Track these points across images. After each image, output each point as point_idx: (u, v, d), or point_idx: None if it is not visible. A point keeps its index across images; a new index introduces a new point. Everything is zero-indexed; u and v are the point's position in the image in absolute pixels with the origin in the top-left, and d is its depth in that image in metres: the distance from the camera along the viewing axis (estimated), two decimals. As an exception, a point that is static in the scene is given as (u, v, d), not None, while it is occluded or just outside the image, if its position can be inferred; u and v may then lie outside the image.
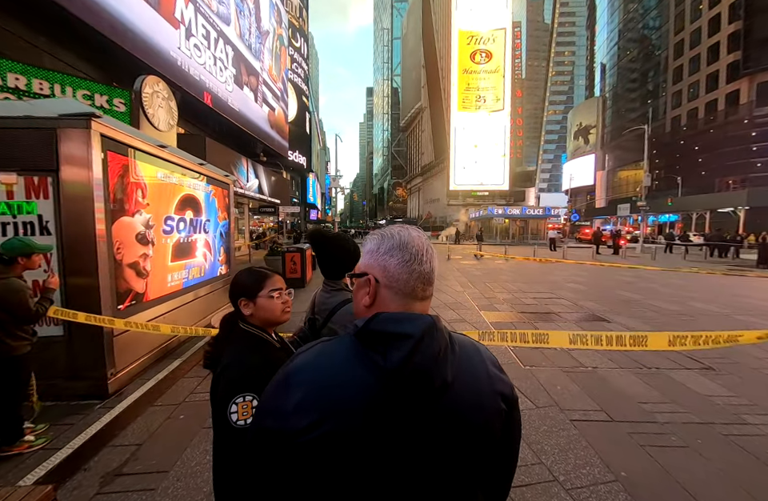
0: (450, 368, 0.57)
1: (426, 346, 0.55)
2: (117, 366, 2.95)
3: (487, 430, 0.60)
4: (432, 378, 0.55)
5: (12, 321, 2.04)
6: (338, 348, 0.60)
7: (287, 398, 0.56)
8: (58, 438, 2.29)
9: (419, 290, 0.61)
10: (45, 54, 6.77)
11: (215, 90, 12.02)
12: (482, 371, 0.62)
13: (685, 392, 2.97)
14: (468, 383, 0.59)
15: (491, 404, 0.60)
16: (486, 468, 0.64)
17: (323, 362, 0.58)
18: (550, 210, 29.49)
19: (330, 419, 0.53)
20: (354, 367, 0.57)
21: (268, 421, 0.58)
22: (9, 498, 1.40)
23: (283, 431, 0.55)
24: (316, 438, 0.53)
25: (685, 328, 4.82)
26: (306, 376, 0.57)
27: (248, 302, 1.05)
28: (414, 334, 0.55)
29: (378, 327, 0.57)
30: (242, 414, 0.85)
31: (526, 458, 2.11)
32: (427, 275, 0.61)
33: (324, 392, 0.55)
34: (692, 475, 1.97)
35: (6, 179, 2.66)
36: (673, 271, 10.15)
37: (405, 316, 0.58)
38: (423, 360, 0.54)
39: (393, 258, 0.61)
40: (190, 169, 4.34)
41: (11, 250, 2.06)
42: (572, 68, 78.00)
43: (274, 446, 0.57)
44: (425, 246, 0.62)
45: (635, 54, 44.08)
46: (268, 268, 1.15)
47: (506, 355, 3.80)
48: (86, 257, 2.74)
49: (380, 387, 0.55)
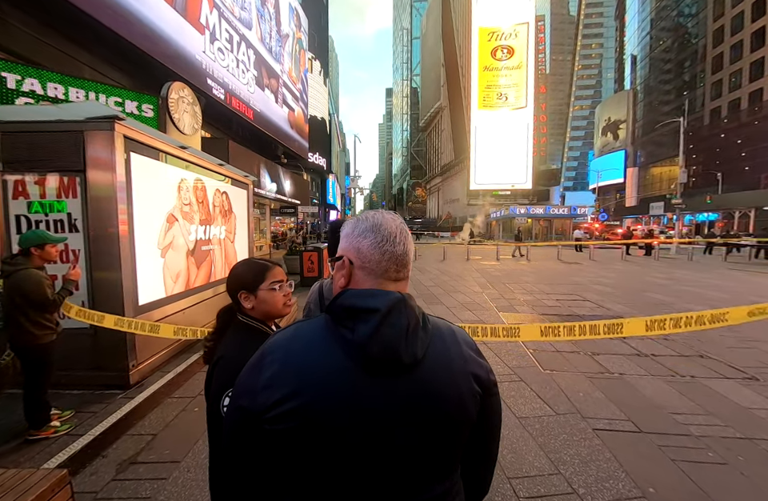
0: (421, 345, 0.58)
1: (394, 320, 0.56)
2: (138, 358, 3.06)
3: (462, 411, 0.60)
4: (400, 353, 0.55)
5: (32, 308, 2.15)
6: (311, 326, 0.61)
7: (260, 376, 0.57)
8: (82, 425, 2.40)
9: (392, 271, 0.62)
10: (82, 64, 7.23)
11: (237, 91, 12.39)
12: (455, 352, 0.62)
13: (724, 403, 2.72)
14: (440, 363, 0.60)
15: (465, 385, 0.61)
16: (461, 450, 0.64)
17: (295, 340, 0.59)
18: (575, 210, 28.34)
19: (299, 395, 0.54)
20: (324, 343, 0.58)
21: (241, 400, 0.59)
22: (27, 480, 1.46)
23: (254, 408, 0.56)
24: (285, 414, 0.54)
25: (724, 335, 4.45)
26: (278, 354, 0.58)
27: (249, 295, 1.01)
28: (380, 308, 0.56)
29: (346, 302, 0.58)
30: None
31: (542, 467, 2.00)
32: (400, 257, 0.62)
33: (294, 368, 0.56)
34: (731, 495, 1.78)
35: (41, 180, 2.83)
36: (708, 273, 9.46)
37: (372, 292, 0.59)
38: (391, 334, 0.55)
39: (366, 240, 0.62)
40: (209, 169, 4.47)
41: (25, 241, 2.21)
42: (600, 61, 74.59)
43: (247, 425, 0.57)
44: (398, 228, 0.63)
45: (669, 43, 41.59)
46: (268, 260, 1.12)
47: (525, 359, 3.65)
48: (109, 253, 2.87)
49: (349, 362, 0.56)
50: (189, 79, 8.96)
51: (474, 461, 0.68)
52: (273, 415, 0.54)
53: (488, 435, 0.68)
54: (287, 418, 0.54)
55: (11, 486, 1.47)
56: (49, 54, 6.56)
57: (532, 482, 1.88)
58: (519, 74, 45.84)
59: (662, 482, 1.87)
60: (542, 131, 50.26)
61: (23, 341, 2.16)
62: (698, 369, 3.38)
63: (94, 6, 6.61)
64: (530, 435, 2.30)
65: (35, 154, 2.82)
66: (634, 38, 49.71)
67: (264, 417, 0.55)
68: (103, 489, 1.85)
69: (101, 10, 6.77)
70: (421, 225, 49.90)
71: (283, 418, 0.54)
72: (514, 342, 4.19)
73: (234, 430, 0.60)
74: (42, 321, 2.20)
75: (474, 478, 0.70)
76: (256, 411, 0.56)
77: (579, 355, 3.74)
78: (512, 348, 3.96)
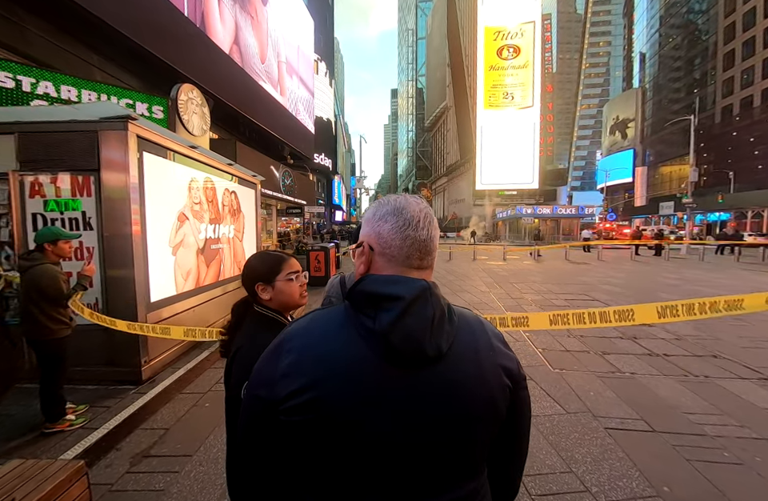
0: (446, 338, 0.55)
1: (419, 309, 0.53)
2: (150, 354, 3.11)
3: (491, 406, 0.56)
4: (424, 345, 0.52)
5: (47, 303, 2.20)
6: (331, 315, 0.59)
7: (278, 364, 0.55)
8: (96, 418, 2.45)
9: (414, 258, 0.58)
10: (94, 67, 7.37)
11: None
12: (483, 344, 0.59)
13: (739, 404, 2.66)
14: (468, 356, 0.56)
15: (494, 378, 0.57)
16: (490, 447, 0.60)
17: (314, 328, 0.57)
18: (583, 209, 28.01)
19: (317, 386, 0.52)
20: (344, 332, 0.55)
21: (259, 389, 0.57)
22: (45, 470, 1.49)
23: (271, 398, 0.54)
24: (302, 405, 0.52)
25: (742, 335, 4.37)
26: (296, 342, 0.56)
27: (266, 286, 1.02)
28: (404, 296, 0.53)
29: (367, 288, 0.55)
30: None
31: (554, 465, 1.98)
32: (423, 243, 0.58)
33: (312, 358, 0.53)
34: (748, 496, 1.75)
35: (57, 179, 2.89)
36: (721, 273, 9.28)
37: (396, 278, 0.56)
38: (415, 324, 0.52)
39: (386, 224, 0.58)
40: (219, 169, 4.52)
41: (39, 237, 2.28)
42: (607, 59, 73.74)
43: (263, 415, 0.56)
44: (422, 212, 0.59)
45: (679, 40, 40.96)
46: (282, 251, 1.13)
47: (534, 358, 3.62)
48: (122, 250, 2.92)
49: (370, 352, 0.53)
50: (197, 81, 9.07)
51: (503, 460, 0.64)
52: (289, 406, 0.52)
53: (518, 432, 0.64)
54: (304, 410, 0.51)
55: (30, 476, 1.50)
56: (62, 58, 6.71)
57: (544, 479, 1.87)
58: (525, 73, 45.52)
59: (677, 482, 1.84)
60: (548, 131, 49.85)
61: (39, 335, 2.21)
62: (711, 369, 3.32)
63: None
64: (541, 434, 2.28)
65: (51, 154, 2.88)
66: (642, 36, 49.07)
67: (280, 407, 0.53)
68: (118, 481, 1.88)
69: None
70: None
71: (300, 410, 0.52)
72: (522, 341, 4.16)
73: (249, 420, 0.59)
74: (56, 315, 2.25)
75: (504, 478, 0.66)
76: (273, 401, 0.54)
77: (589, 355, 3.70)
78: (521, 347, 3.93)
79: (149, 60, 8.10)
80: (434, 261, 0.61)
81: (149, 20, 7.81)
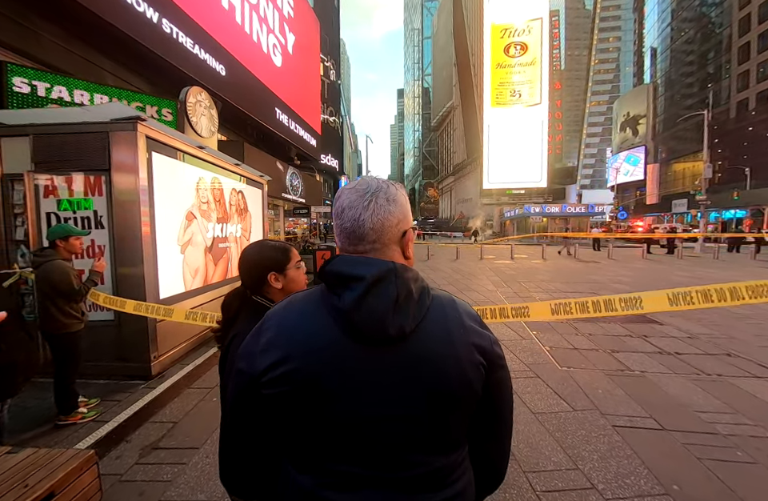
0: (412, 318, 0.56)
1: (382, 289, 0.55)
2: (159, 350, 3.17)
3: (462, 383, 0.58)
4: (386, 324, 0.54)
5: (60, 297, 2.27)
6: (308, 295, 0.62)
7: (258, 341, 0.59)
8: (107, 412, 2.51)
9: (346, 244, 0.61)
10: (106, 72, 7.56)
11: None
12: (454, 323, 0.60)
13: (753, 403, 2.59)
14: (438, 334, 0.58)
15: (466, 356, 0.58)
16: (464, 425, 0.62)
17: (292, 307, 0.61)
18: (593, 208, 27.55)
19: (290, 360, 0.55)
20: (317, 310, 0.58)
21: (242, 362, 0.61)
22: (56, 459, 1.54)
23: (252, 372, 0.58)
24: (278, 378, 0.55)
25: (757, 333, 4.25)
26: (274, 321, 0.60)
27: (278, 275, 1.04)
28: (367, 277, 0.55)
29: (335, 268, 0.58)
30: None
31: (560, 462, 1.95)
32: (348, 230, 0.59)
33: (287, 334, 0.57)
34: (762, 495, 1.70)
35: (69, 179, 2.98)
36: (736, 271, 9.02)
37: (363, 259, 0.58)
38: (377, 304, 0.54)
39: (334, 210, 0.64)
40: (226, 169, 4.59)
41: (51, 234, 2.36)
42: (617, 55, 72.42)
43: (247, 387, 0.60)
44: (354, 200, 0.59)
45: (691, 34, 39.99)
46: (280, 241, 1.14)
47: (541, 356, 3.58)
48: (132, 248, 2.99)
49: (339, 329, 0.56)
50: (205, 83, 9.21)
51: (482, 440, 0.66)
52: (268, 379, 0.56)
53: (497, 413, 0.65)
54: (280, 383, 0.55)
55: (42, 464, 1.54)
56: (75, 63, 6.89)
57: (549, 476, 1.85)
58: (533, 70, 45.02)
59: (687, 480, 1.80)
60: (557, 128, 49.18)
61: (53, 328, 2.28)
62: (725, 367, 3.23)
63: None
64: (547, 430, 2.26)
65: (64, 155, 2.96)
66: (653, 30, 48.05)
67: (261, 381, 0.57)
68: (127, 472, 1.93)
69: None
70: (433, 225, 49.62)
71: (277, 383, 0.55)
72: (529, 339, 4.12)
73: (236, 392, 0.63)
74: (69, 310, 2.32)
75: (484, 460, 0.67)
76: (254, 375, 0.57)
77: (597, 353, 3.64)
78: (527, 345, 3.89)
79: (158, 64, 8.26)
80: (374, 245, 0.59)
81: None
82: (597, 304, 1.64)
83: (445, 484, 0.59)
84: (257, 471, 0.66)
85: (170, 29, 8.40)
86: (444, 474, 0.59)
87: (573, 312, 1.67)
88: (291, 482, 0.60)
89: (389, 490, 0.56)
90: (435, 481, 0.58)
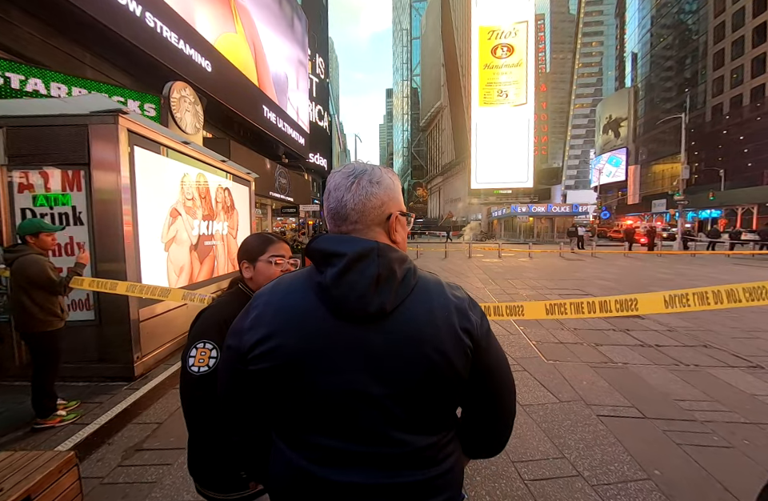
0: (394, 297, 0.56)
1: (363, 267, 0.55)
2: (143, 350, 3.08)
3: (445, 365, 0.57)
4: (366, 301, 0.55)
5: (37, 290, 2.19)
6: (296, 274, 0.64)
7: (246, 319, 0.61)
8: (88, 414, 2.42)
9: (332, 225, 0.63)
10: (85, 65, 7.29)
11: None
12: (439, 304, 0.59)
13: (728, 391, 2.70)
14: (421, 315, 0.58)
15: (449, 338, 0.57)
16: (451, 407, 0.62)
17: (279, 287, 0.63)
18: (577, 208, 28.22)
19: (275, 335, 0.56)
20: (302, 288, 0.60)
21: (231, 340, 0.62)
22: (34, 461, 1.48)
23: (240, 348, 0.59)
24: (264, 353, 0.56)
25: (733, 326, 4.44)
26: (261, 300, 0.61)
27: (249, 264, 1.03)
28: (348, 253, 0.56)
29: (318, 245, 0.59)
30: (199, 360, 0.84)
31: (547, 451, 1.99)
32: (333, 211, 0.61)
33: (273, 310, 0.59)
34: (737, 477, 1.78)
35: (46, 174, 2.86)
36: (716, 267, 9.40)
37: (347, 238, 0.59)
38: (357, 281, 0.55)
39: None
40: (212, 165, 4.50)
41: (21, 229, 2.27)
42: (600, 59, 74.36)
43: (235, 364, 0.61)
44: (340, 184, 0.61)
45: (670, 40, 41.46)
46: (279, 235, 1.13)
47: (528, 350, 3.64)
48: (113, 245, 2.89)
49: (323, 305, 0.57)
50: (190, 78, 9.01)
51: (481, 419, 0.66)
52: (255, 355, 0.57)
53: (493, 391, 0.64)
54: (266, 358, 0.56)
55: (18, 467, 1.48)
56: (54, 56, 6.63)
57: (536, 465, 1.88)
58: (519, 71, 45.83)
59: (668, 465, 1.87)
60: (542, 130, 50.24)
61: (30, 327, 2.19)
62: (702, 358, 3.36)
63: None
64: (534, 422, 2.30)
65: (40, 148, 2.85)
66: (634, 36, 49.58)
67: (248, 357, 0.58)
68: (109, 474, 1.87)
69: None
70: (422, 225, 49.97)
71: (263, 358, 0.56)
72: (516, 334, 4.19)
73: (226, 369, 0.64)
74: (48, 305, 2.22)
75: (482, 433, 0.67)
76: (242, 351, 0.59)
77: (582, 346, 3.73)
78: (515, 340, 3.96)
79: (141, 58, 8.03)
80: (356, 226, 0.60)
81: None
82: (592, 305, 1.64)
83: (430, 463, 0.59)
84: (246, 449, 0.67)
85: (154, 23, 8.19)
86: (429, 455, 0.59)
87: (568, 312, 1.67)
88: (281, 459, 0.61)
89: (372, 466, 0.57)
90: (419, 460, 0.58)
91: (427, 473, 0.58)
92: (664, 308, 1.56)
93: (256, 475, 0.69)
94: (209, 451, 0.90)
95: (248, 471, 0.72)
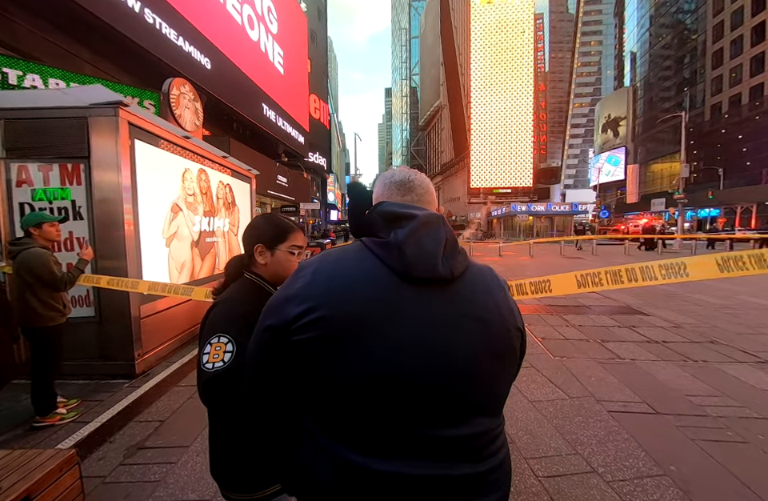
0: (459, 264, 0.56)
1: (433, 230, 0.55)
2: (144, 347, 3.03)
3: (509, 340, 0.57)
4: (436, 261, 0.52)
5: (41, 286, 2.14)
6: (342, 249, 0.61)
7: (290, 288, 0.56)
8: (88, 412, 2.37)
9: (395, 194, 0.64)
10: (83, 61, 7.22)
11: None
12: (495, 286, 0.61)
13: (739, 386, 2.67)
14: (483, 289, 0.58)
15: (508, 316, 0.58)
16: (509, 385, 0.62)
17: (328, 257, 0.59)
18: (577, 206, 28.21)
19: (329, 302, 0.52)
20: (357, 256, 0.57)
21: (269, 319, 0.57)
22: (33, 460, 1.43)
23: (283, 320, 0.54)
24: (314, 320, 0.51)
25: (732, 322, 4.41)
26: (311, 268, 0.57)
27: (265, 251, 0.95)
28: (419, 215, 0.55)
29: (386, 208, 0.58)
30: (213, 356, 0.77)
31: (559, 447, 1.95)
32: (398, 182, 0.64)
33: (326, 276, 0.54)
34: (755, 473, 1.74)
35: (45, 168, 2.80)
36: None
37: (413, 205, 0.60)
38: (429, 241, 0.53)
39: (378, 184, 0.68)
40: (213, 160, 4.44)
41: (24, 222, 2.23)
42: (599, 58, 74.44)
43: (275, 341, 0.55)
44: (402, 170, 0.68)
45: (668, 39, 41.51)
46: (293, 221, 1.06)
47: (534, 347, 3.60)
48: (114, 240, 2.84)
49: (385, 267, 0.53)
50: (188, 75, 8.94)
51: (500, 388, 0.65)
52: (300, 324, 0.52)
53: (516, 371, 0.66)
54: (315, 326, 0.50)
55: (17, 466, 1.43)
56: (50, 51, 6.55)
57: (550, 461, 1.84)
58: (518, 71, 45.81)
59: (683, 461, 1.83)
60: (542, 129, 50.22)
61: (31, 322, 2.13)
62: (709, 354, 3.33)
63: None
64: (545, 417, 2.26)
65: (39, 141, 2.79)
66: (633, 35, 49.63)
67: (292, 328, 0.52)
68: (111, 473, 1.82)
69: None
70: None
71: (311, 327, 0.51)
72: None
73: (258, 346, 0.58)
74: (50, 301, 2.17)
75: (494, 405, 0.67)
76: (284, 324, 0.53)
77: (588, 343, 3.69)
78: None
79: (140, 55, 7.96)
80: (419, 198, 0.64)
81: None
82: (632, 272, 1.42)
83: (487, 453, 0.54)
84: (272, 438, 0.60)
85: (153, 19, 8.11)
86: (488, 440, 0.54)
87: (603, 283, 1.47)
88: (313, 447, 0.54)
89: (427, 457, 0.50)
90: (479, 446, 0.53)
91: (485, 464, 0.53)
92: (719, 272, 1.32)
93: (280, 468, 0.62)
94: (231, 447, 0.82)
95: (273, 464, 0.64)
